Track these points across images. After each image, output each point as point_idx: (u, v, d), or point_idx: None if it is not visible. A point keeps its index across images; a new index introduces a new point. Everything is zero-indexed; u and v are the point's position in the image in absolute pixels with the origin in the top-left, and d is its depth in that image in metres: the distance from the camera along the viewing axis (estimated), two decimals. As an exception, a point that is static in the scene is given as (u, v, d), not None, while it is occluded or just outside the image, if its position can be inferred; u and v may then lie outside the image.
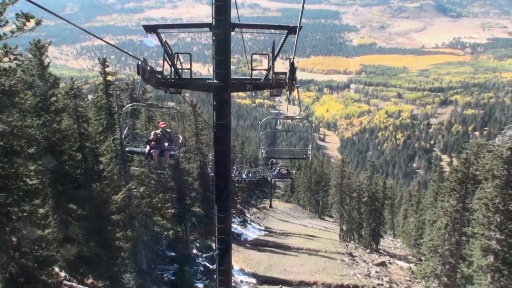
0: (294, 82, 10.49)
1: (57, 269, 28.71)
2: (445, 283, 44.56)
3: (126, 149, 14.76)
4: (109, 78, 34.76)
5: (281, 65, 11.27)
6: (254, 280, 50.66)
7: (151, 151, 14.26)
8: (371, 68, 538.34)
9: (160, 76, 11.32)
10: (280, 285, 49.62)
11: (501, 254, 33.37)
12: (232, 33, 11.41)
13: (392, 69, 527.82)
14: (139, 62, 9.87)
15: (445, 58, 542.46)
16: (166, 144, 14.70)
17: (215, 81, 11.61)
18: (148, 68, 10.37)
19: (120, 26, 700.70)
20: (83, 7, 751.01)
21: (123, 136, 14.27)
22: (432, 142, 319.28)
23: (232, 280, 33.72)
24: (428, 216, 57.63)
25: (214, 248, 48.41)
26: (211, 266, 50.05)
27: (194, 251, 55.09)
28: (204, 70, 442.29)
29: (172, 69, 11.32)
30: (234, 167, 48.57)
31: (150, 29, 10.43)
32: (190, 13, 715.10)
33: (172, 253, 50.09)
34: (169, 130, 15.25)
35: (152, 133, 14.96)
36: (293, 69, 10.19)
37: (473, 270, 36.65)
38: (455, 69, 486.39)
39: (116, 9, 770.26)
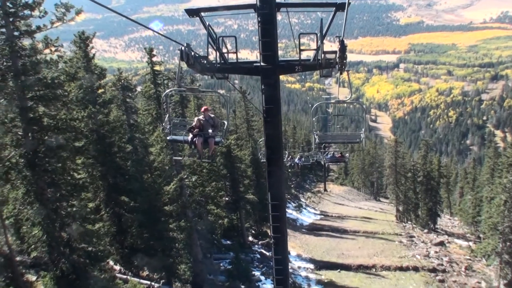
0: (345, 61, 9.75)
1: (111, 263, 28.64)
2: (506, 260, 43.74)
3: (168, 138, 13.87)
4: (157, 67, 34.39)
5: (329, 48, 10.51)
6: (312, 266, 50.26)
7: (194, 139, 13.23)
8: (420, 47, 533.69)
9: (205, 61, 10.82)
10: (339, 270, 49.17)
11: None
12: (279, 17, 11.09)
13: (440, 47, 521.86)
14: (182, 48, 9.63)
15: (494, 33, 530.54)
16: (210, 130, 13.61)
17: (262, 64, 11.06)
18: (192, 53, 9.98)
19: (167, 16, 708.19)
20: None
21: (163, 124, 13.44)
22: (484, 118, 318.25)
23: (290, 267, 33.09)
24: (486, 193, 56.87)
25: (269, 234, 48.09)
26: (267, 253, 49.66)
27: (250, 238, 54.97)
28: (252, 56, 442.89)
29: (217, 53, 10.89)
30: (286, 152, 47.99)
31: (193, 12, 10.27)
32: (236, 1, 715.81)
33: (228, 242, 49.96)
34: (212, 115, 14.20)
35: (195, 119, 13.90)
36: (343, 47, 9.50)
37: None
38: (504, 44, 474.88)
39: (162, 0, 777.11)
